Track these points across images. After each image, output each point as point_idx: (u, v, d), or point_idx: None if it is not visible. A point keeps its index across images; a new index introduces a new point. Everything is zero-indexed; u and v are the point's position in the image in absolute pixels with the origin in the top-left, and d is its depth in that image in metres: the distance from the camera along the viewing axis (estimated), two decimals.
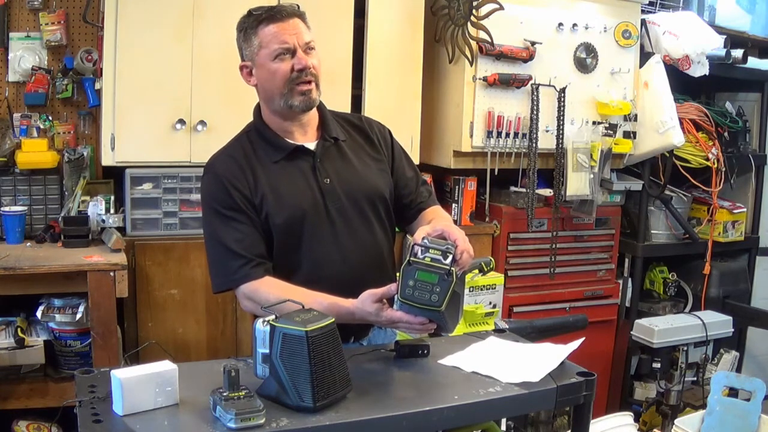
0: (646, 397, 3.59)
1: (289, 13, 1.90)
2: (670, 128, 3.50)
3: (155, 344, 2.69)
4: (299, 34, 1.90)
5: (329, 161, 1.98)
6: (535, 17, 3.32)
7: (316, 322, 1.51)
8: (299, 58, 1.89)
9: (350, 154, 2.02)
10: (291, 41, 1.89)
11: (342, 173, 1.98)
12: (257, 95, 2.01)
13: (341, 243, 1.95)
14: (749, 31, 4.01)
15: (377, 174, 2.04)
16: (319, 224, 1.93)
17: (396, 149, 2.12)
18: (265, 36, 1.90)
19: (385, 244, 2.05)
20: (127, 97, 2.76)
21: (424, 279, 1.64)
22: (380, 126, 2.14)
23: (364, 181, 2.00)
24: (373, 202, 2.00)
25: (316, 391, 1.48)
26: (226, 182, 1.91)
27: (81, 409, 1.50)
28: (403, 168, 2.11)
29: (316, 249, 1.93)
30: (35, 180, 2.83)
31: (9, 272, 2.38)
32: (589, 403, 1.73)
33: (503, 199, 3.48)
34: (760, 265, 4.18)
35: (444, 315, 1.64)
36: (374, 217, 2.01)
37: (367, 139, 2.08)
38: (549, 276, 3.53)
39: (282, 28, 1.89)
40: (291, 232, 1.92)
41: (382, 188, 2.03)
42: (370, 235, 2.00)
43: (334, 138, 2.01)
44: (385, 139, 2.11)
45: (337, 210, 1.95)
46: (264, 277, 1.87)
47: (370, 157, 2.05)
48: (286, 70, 1.89)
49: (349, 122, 2.10)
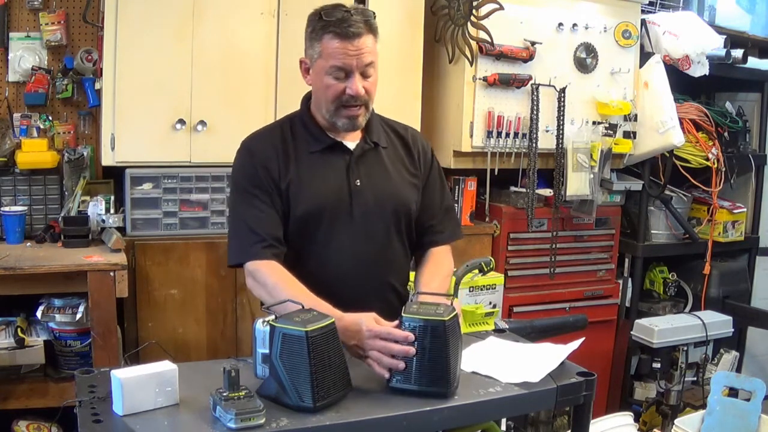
0: (646, 397, 3.59)
1: (356, 33, 1.83)
2: (670, 128, 3.50)
3: (155, 344, 2.69)
4: (361, 56, 1.85)
5: (365, 163, 1.98)
6: (535, 17, 3.32)
7: (316, 323, 1.51)
8: (353, 83, 1.86)
9: (387, 161, 2.02)
10: (350, 63, 1.85)
11: (374, 178, 1.98)
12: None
13: (355, 245, 1.95)
14: (749, 31, 4.01)
15: (409, 187, 2.03)
16: (339, 222, 1.94)
17: (433, 170, 2.11)
18: (327, 48, 1.85)
19: (400, 257, 2.04)
20: (127, 97, 2.76)
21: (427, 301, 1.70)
22: (424, 143, 2.14)
23: (394, 191, 2.00)
24: (397, 213, 2.00)
25: (316, 391, 1.48)
26: (256, 161, 1.92)
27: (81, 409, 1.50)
28: (433, 191, 2.10)
29: (330, 245, 1.94)
30: (35, 180, 2.83)
31: (9, 272, 2.38)
32: (589, 403, 1.73)
33: (503, 199, 3.48)
34: (760, 265, 4.18)
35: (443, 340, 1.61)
36: (395, 228, 2.01)
37: (408, 151, 2.07)
38: (549, 276, 3.52)
39: (345, 47, 1.83)
40: (309, 223, 1.92)
41: (410, 202, 2.02)
42: (386, 244, 2.00)
43: (374, 142, 2.01)
44: (426, 156, 2.10)
45: (362, 213, 1.95)
46: (270, 260, 1.86)
47: (406, 169, 2.05)
48: (338, 91, 1.87)
49: (395, 131, 2.10)
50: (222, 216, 2.93)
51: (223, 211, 2.93)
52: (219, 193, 2.92)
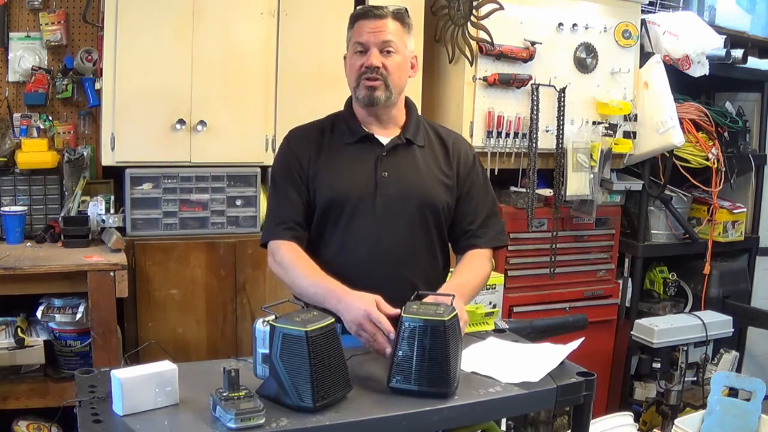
0: (646, 397, 3.59)
1: (379, 14, 2.00)
2: (670, 128, 3.50)
3: (155, 344, 2.69)
4: (379, 33, 1.97)
5: (395, 157, 2.04)
6: (535, 17, 3.32)
7: (315, 323, 1.51)
8: (369, 56, 1.97)
9: (419, 158, 2.07)
10: (367, 39, 1.98)
11: (403, 171, 2.03)
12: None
13: (375, 234, 1.99)
14: (749, 31, 4.01)
15: (438, 185, 2.06)
16: (362, 210, 2.00)
17: (476, 176, 2.14)
18: (354, 31, 2.03)
19: (422, 252, 2.06)
20: (127, 97, 2.76)
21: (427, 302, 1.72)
22: (467, 149, 2.17)
23: (421, 186, 2.04)
24: (422, 207, 2.03)
25: (316, 391, 1.48)
26: (290, 150, 2.07)
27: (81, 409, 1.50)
28: (475, 197, 2.12)
29: (352, 232, 2.00)
30: (35, 180, 2.83)
31: (9, 272, 2.38)
32: (589, 403, 1.73)
33: (503, 199, 3.47)
34: (760, 265, 4.18)
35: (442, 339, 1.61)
36: (420, 222, 2.03)
37: (446, 153, 2.11)
38: (549, 276, 3.52)
39: (366, 25, 1.99)
40: (333, 209, 2.01)
41: (437, 200, 2.05)
42: (407, 237, 2.02)
43: (408, 139, 2.06)
44: (467, 161, 2.13)
45: (385, 203, 2.00)
46: (290, 241, 1.98)
47: (439, 169, 2.08)
48: (358, 66, 1.99)
49: (437, 133, 2.15)
50: (222, 216, 2.93)
51: (223, 211, 2.93)
52: (219, 193, 2.92)
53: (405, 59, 2.03)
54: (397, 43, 1.99)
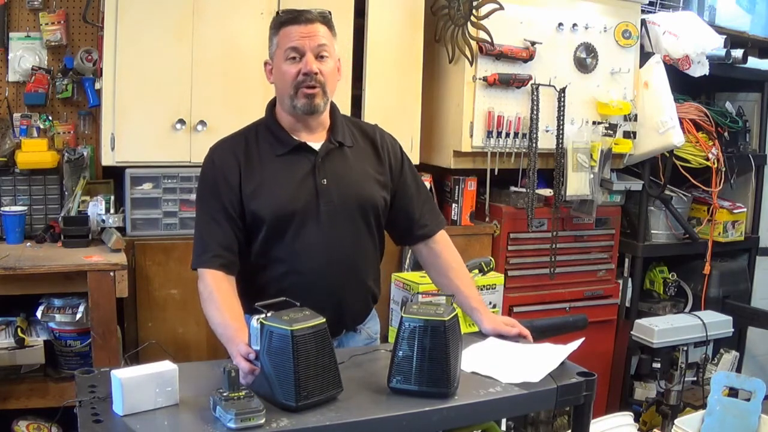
0: (646, 397, 3.59)
1: (310, 18, 1.93)
2: (670, 128, 3.50)
3: (155, 344, 2.69)
4: (312, 38, 1.92)
5: (330, 163, 2.01)
6: (535, 17, 3.32)
7: (303, 322, 1.51)
8: (306, 62, 1.91)
9: (353, 160, 2.05)
10: (302, 44, 1.92)
11: (340, 176, 2.01)
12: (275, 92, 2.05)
13: (326, 242, 1.97)
14: (749, 31, 4.01)
15: (374, 184, 2.06)
16: (308, 221, 1.97)
17: (405, 165, 2.15)
18: (282, 37, 1.95)
19: (370, 252, 2.08)
20: (127, 97, 2.76)
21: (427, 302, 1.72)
22: (392, 140, 2.17)
23: (359, 188, 2.03)
24: (364, 209, 2.03)
25: (298, 391, 1.47)
26: (217, 171, 1.98)
27: (81, 409, 1.50)
28: (410, 186, 2.14)
29: (300, 244, 1.96)
30: (35, 180, 2.83)
31: (9, 272, 2.38)
32: (589, 403, 1.73)
33: (503, 199, 3.48)
34: (760, 265, 4.18)
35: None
36: (363, 224, 2.04)
37: (375, 149, 2.10)
38: (549, 276, 3.52)
39: (297, 31, 1.92)
40: (279, 224, 1.95)
41: (376, 199, 2.05)
42: (355, 240, 2.02)
43: (339, 142, 2.03)
44: (395, 154, 2.14)
45: (328, 211, 1.97)
46: (216, 270, 1.91)
47: (372, 167, 2.08)
48: (293, 73, 1.93)
49: (362, 130, 2.13)
50: None
51: None
52: None
53: (336, 64, 2.00)
54: (330, 47, 1.96)
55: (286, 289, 1.85)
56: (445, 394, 1.59)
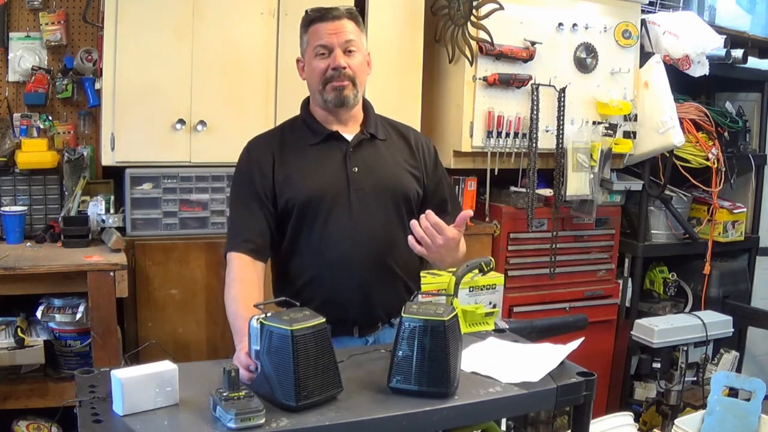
0: (646, 397, 3.59)
1: (336, 15, 2.00)
2: (670, 128, 3.50)
3: (155, 344, 2.69)
4: (340, 34, 1.98)
5: (362, 152, 2.07)
6: (535, 17, 3.32)
7: (303, 322, 1.50)
8: (335, 57, 1.98)
9: (385, 151, 2.11)
10: (330, 40, 1.98)
11: (371, 165, 2.06)
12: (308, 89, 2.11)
13: (355, 228, 2.01)
14: (749, 31, 4.01)
15: (407, 175, 2.11)
16: (339, 207, 2.01)
17: (439, 166, 2.21)
18: (311, 34, 2.02)
19: (401, 242, 2.07)
20: (127, 97, 2.76)
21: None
22: (427, 141, 2.23)
23: (390, 177, 2.08)
24: (396, 198, 2.07)
25: (298, 391, 1.47)
26: (252, 161, 2.06)
27: (81, 409, 1.50)
28: (442, 185, 2.20)
29: (330, 229, 2.01)
30: (35, 180, 2.83)
31: (9, 272, 2.38)
32: (589, 403, 1.73)
33: (503, 199, 3.48)
34: (760, 265, 4.18)
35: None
36: (394, 212, 2.07)
37: (408, 146, 2.15)
38: (549, 276, 3.52)
39: (325, 28, 1.99)
40: (309, 209, 2.01)
41: (408, 189, 2.09)
42: (385, 227, 2.05)
43: (371, 133, 2.09)
44: (429, 152, 2.19)
45: (359, 198, 2.02)
46: (245, 254, 1.96)
47: (405, 160, 2.13)
48: (323, 68, 2.00)
49: (395, 128, 2.19)
50: (222, 216, 2.93)
51: (223, 211, 2.93)
52: (219, 193, 2.92)
53: (365, 58, 2.06)
54: (357, 42, 2.02)
55: (314, 278, 1.94)
56: (445, 394, 1.59)
